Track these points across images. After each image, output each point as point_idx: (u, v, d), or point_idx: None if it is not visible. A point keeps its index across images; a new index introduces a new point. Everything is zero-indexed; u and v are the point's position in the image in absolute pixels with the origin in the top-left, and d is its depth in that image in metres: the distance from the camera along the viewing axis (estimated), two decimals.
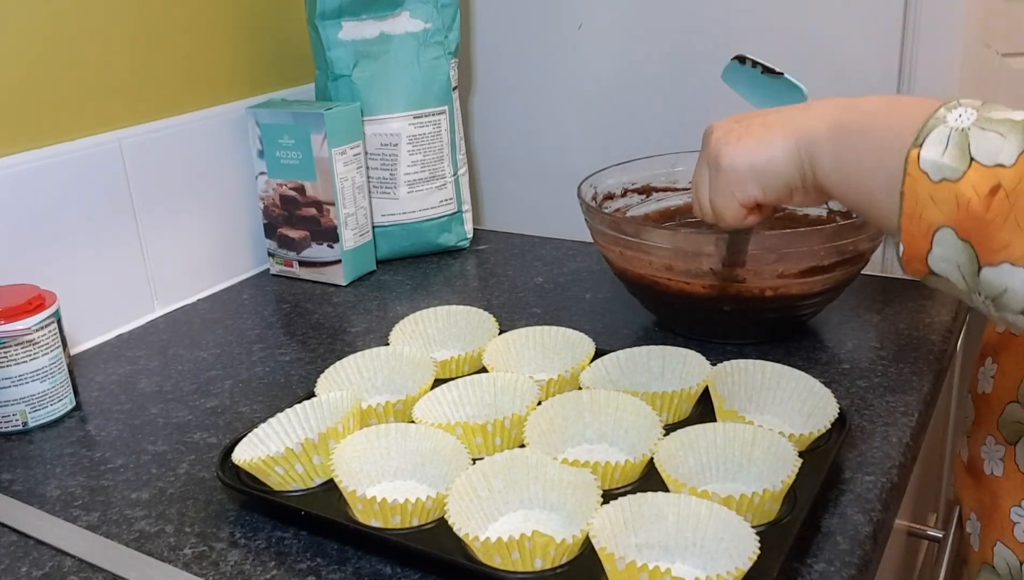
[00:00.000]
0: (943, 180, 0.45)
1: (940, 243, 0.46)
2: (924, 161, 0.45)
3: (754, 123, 0.57)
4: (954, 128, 0.45)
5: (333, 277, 0.96)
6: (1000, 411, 0.69)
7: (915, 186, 0.46)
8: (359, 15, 0.96)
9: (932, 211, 0.46)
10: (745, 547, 0.47)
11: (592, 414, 0.62)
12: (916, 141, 0.46)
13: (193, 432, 0.69)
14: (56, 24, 0.80)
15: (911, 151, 0.46)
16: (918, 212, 0.46)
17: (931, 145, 0.45)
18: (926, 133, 0.46)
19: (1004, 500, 0.69)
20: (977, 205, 0.44)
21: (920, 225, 0.46)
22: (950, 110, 0.46)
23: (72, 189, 0.82)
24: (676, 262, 0.72)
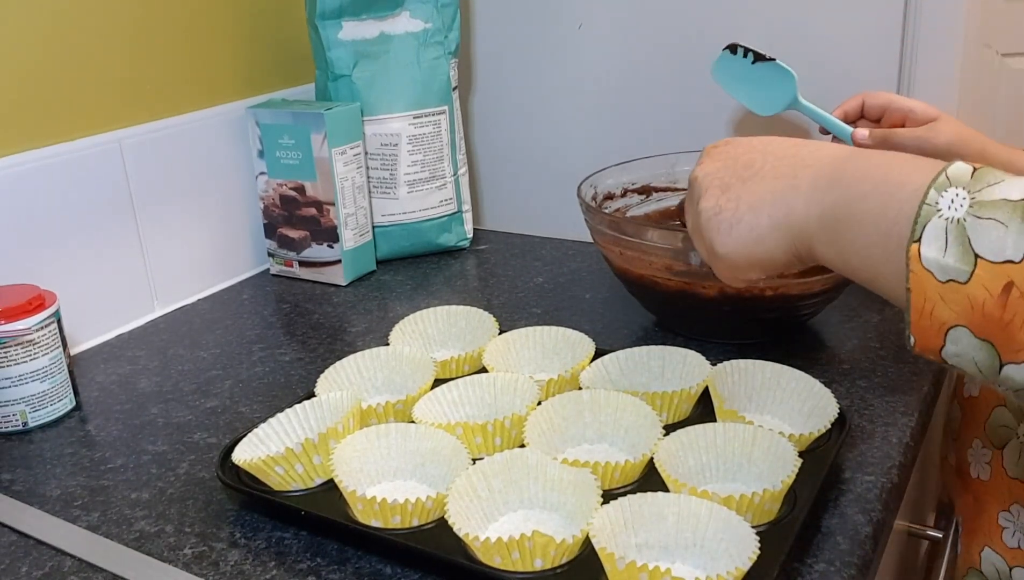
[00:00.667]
0: (951, 281, 0.42)
1: (954, 341, 0.43)
2: (927, 260, 0.43)
3: (742, 203, 0.53)
4: (949, 220, 0.42)
5: (333, 277, 0.96)
6: (987, 415, 0.69)
7: (922, 284, 0.43)
8: (359, 15, 0.96)
9: (943, 310, 0.43)
10: (745, 547, 0.47)
11: (592, 414, 0.62)
12: (913, 236, 0.43)
13: (193, 432, 0.69)
14: (56, 24, 0.80)
15: (911, 246, 0.43)
16: (928, 310, 0.44)
17: (930, 242, 0.43)
18: (922, 226, 0.43)
19: (991, 504, 0.69)
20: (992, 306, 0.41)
21: (932, 322, 0.44)
22: (941, 193, 0.43)
23: (72, 189, 0.82)
24: (676, 262, 0.72)
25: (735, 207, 0.52)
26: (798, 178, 0.51)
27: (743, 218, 0.52)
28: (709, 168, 0.55)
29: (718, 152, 0.56)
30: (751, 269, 0.54)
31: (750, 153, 0.54)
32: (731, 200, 0.53)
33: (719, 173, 0.55)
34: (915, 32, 0.90)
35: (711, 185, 0.54)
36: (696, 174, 0.56)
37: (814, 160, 0.51)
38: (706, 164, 0.56)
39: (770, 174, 0.52)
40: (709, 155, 0.57)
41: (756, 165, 0.53)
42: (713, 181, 0.54)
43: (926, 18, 0.89)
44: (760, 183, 0.52)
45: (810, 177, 0.50)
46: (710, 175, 0.55)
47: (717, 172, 0.55)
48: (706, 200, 0.54)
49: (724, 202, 0.53)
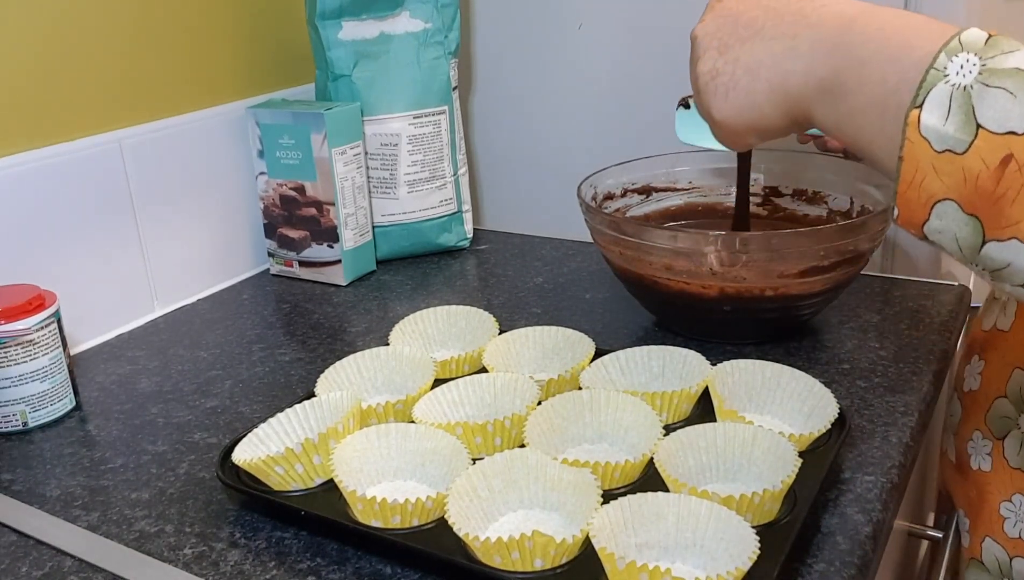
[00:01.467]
0: (947, 151, 0.40)
1: (940, 216, 0.42)
2: (925, 128, 0.41)
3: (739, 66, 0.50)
4: (956, 85, 0.40)
5: (333, 277, 0.96)
6: (987, 407, 0.69)
7: (915, 152, 0.41)
8: (359, 15, 0.96)
9: (934, 182, 0.41)
10: (745, 547, 0.47)
11: (592, 414, 0.62)
12: (915, 101, 0.41)
13: (193, 432, 0.69)
14: (56, 24, 0.80)
15: (910, 112, 0.41)
16: (918, 180, 0.42)
17: (932, 108, 0.41)
18: (926, 90, 0.41)
19: (992, 495, 0.69)
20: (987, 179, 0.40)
21: (920, 194, 0.42)
22: (951, 57, 0.41)
23: (72, 189, 0.82)
24: (676, 262, 0.72)
25: (732, 70, 0.51)
26: (798, 39, 0.48)
27: (739, 82, 0.50)
28: (710, 26, 0.53)
29: (722, 6, 0.53)
30: (749, 134, 0.53)
31: (754, 10, 0.51)
32: (728, 62, 0.51)
33: (719, 32, 0.52)
34: None
35: (709, 45, 0.52)
36: (696, 32, 0.53)
37: (818, 18, 0.48)
38: (707, 21, 0.53)
39: (770, 33, 0.50)
40: (712, 9, 0.54)
41: (757, 23, 0.50)
42: (712, 41, 0.52)
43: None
44: (759, 44, 0.50)
45: (811, 39, 0.48)
46: (710, 34, 0.52)
47: (717, 31, 0.52)
48: (704, 62, 0.52)
49: (721, 64, 0.51)
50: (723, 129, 0.53)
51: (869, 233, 0.71)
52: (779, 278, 0.71)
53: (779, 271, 0.70)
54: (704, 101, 0.53)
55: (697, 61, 0.53)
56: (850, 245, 0.70)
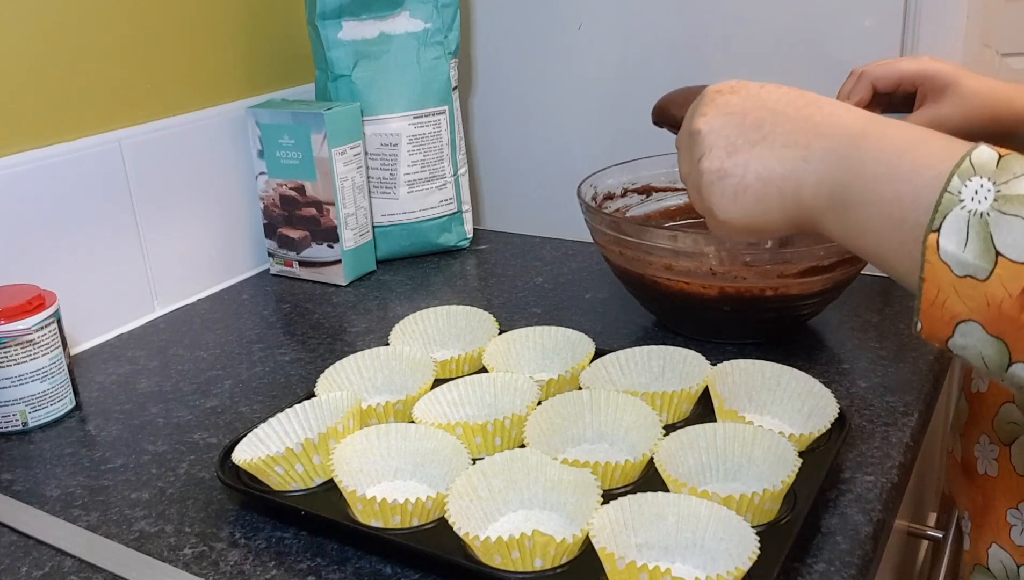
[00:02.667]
0: (968, 277, 0.41)
1: (964, 334, 0.42)
2: (944, 253, 0.41)
3: (749, 171, 0.50)
4: (972, 212, 0.40)
5: (333, 277, 0.96)
6: (995, 411, 0.69)
7: (936, 274, 0.42)
8: (359, 15, 0.96)
9: (957, 304, 0.42)
10: (745, 547, 0.47)
11: (592, 414, 0.62)
12: (932, 225, 0.41)
13: (193, 432, 0.69)
14: (56, 24, 0.80)
15: (928, 236, 0.41)
16: (940, 301, 0.42)
17: (950, 234, 0.41)
18: (942, 216, 0.41)
19: (999, 501, 0.68)
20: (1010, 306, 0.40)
21: (943, 313, 0.42)
22: (964, 182, 0.41)
23: (72, 189, 0.82)
24: (676, 262, 0.72)
25: (742, 173, 0.50)
26: (810, 149, 0.48)
27: (750, 187, 0.50)
28: (715, 122, 0.52)
29: (724, 102, 0.53)
30: (749, 234, 0.53)
31: (759, 110, 0.51)
32: (738, 165, 0.51)
33: (725, 130, 0.52)
34: (915, 32, 0.90)
35: (716, 144, 0.52)
36: (699, 126, 0.53)
37: (828, 128, 0.48)
38: (711, 116, 0.52)
39: (780, 140, 0.50)
40: (714, 103, 0.53)
41: (766, 126, 0.50)
42: (718, 139, 0.52)
43: (926, 18, 0.89)
44: (769, 149, 0.50)
45: (823, 150, 0.48)
46: (715, 132, 0.52)
47: (723, 128, 0.52)
48: (710, 160, 0.52)
49: (730, 166, 0.51)
50: (723, 227, 0.53)
51: None
52: (779, 278, 0.71)
53: (779, 271, 0.70)
54: (707, 198, 0.52)
55: (701, 157, 0.52)
56: None
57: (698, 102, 0.54)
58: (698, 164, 0.52)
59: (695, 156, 0.53)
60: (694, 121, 0.53)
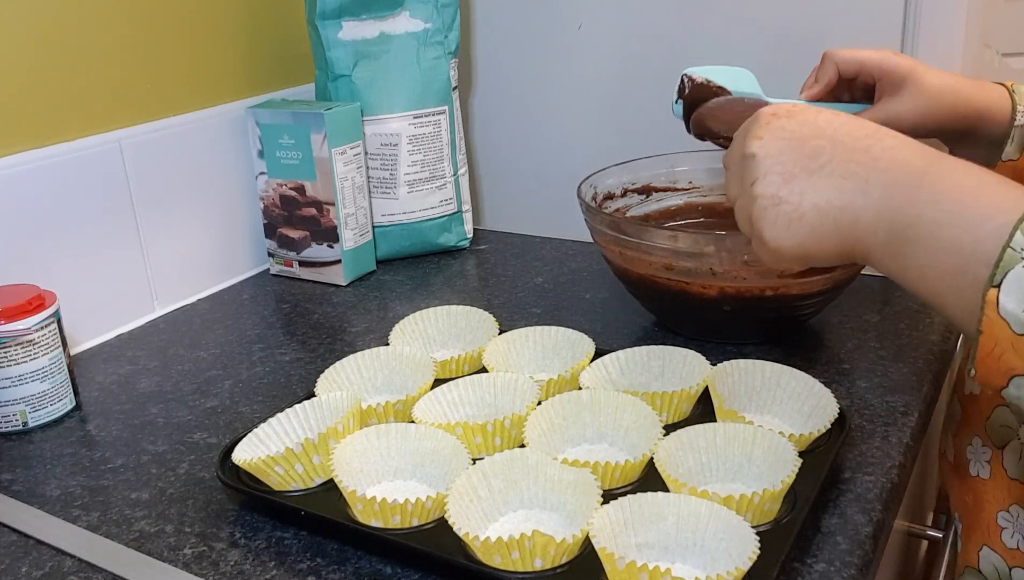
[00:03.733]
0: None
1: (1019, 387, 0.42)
2: (1004, 310, 0.41)
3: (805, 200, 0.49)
4: None
5: (333, 277, 0.96)
6: (988, 414, 0.69)
7: (994, 330, 0.41)
8: (359, 15, 0.96)
9: (1014, 358, 0.41)
10: (745, 547, 0.47)
11: (592, 414, 0.62)
12: (993, 280, 0.41)
13: (193, 432, 0.69)
14: (56, 24, 0.80)
15: (988, 290, 0.41)
16: (997, 354, 0.42)
17: (1011, 292, 0.41)
18: (1003, 272, 0.41)
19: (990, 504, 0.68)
20: None
21: (999, 365, 0.42)
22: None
23: (72, 189, 0.82)
24: (676, 262, 0.72)
25: (798, 202, 0.49)
26: (869, 183, 0.47)
27: (805, 216, 0.49)
28: (771, 147, 0.51)
29: (780, 126, 0.51)
30: (797, 262, 0.52)
31: (817, 138, 0.50)
32: (794, 193, 0.49)
33: (781, 156, 0.50)
34: (915, 32, 0.90)
35: (771, 170, 0.50)
36: (754, 151, 0.51)
37: (888, 162, 0.47)
38: (767, 141, 0.51)
39: (839, 171, 0.49)
40: (770, 127, 0.52)
41: (824, 156, 0.49)
42: (775, 166, 0.50)
43: (926, 18, 0.89)
44: (826, 180, 0.49)
45: (882, 185, 0.47)
46: (772, 157, 0.51)
47: (780, 154, 0.50)
48: (765, 185, 0.50)
49: (786, 193, 0.50)
50: (773, 254, 0.52)
51: None
52: (779, 278, 0.71)
53: (779, 271, 0.70)
54: (758, 224, 0.51)
55: (755, 181, 0.51)
56: None
57: (752, 124, 0.53)
58: (751, 188, 0.51)
59: (748, 180, 0.51)
60: (748, 144, 0.52)
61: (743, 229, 0.53)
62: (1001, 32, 0.97)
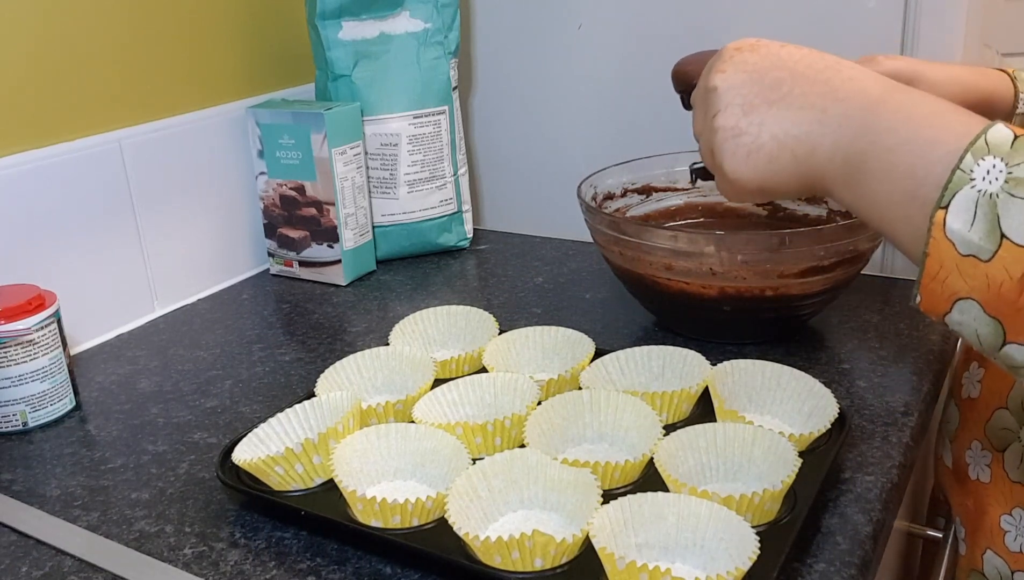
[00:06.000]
0: (971, 256, 0.41)
1: (961, 311, 0.42)
2: (951, 230, 0.41)
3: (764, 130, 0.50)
4: (982, 192, 0.40)
5: (333, 277, 0.96)
6: (988, 417, 0.69)
7: (940, 251, 0.42)
8: (359, 15, 0.96)
9: (958, 281, 0.42)
10: (745, 547, 0.47)
11: (592, 414, 0.62)
12: (941, 201, 0.41)
13: (193, 432, 0.69)
14: (56, 24, 0.80)
15: (936, 212, 0.42)
16: (942, 277, 0.42)
17: (958, 213, 0.41)
18: (952, 192, 0.41)
19: (992, 507, 0.68)
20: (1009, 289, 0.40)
21: (943, 288, 0.43)
22: (977, 160, 0.41)
23: (72, 189, 0.82)
24: (676, 262, 0.72)
25: (757, 132, 0.50)
26: (827, 113, 0.48)
27: (763, 146, 0.50)
28: (732, 79, 0.51)
29: (742, 59, 0.52)
30: (759, 194, 0.52)
31: (779, 69, 0.50)
32: (753, 124, 0.50)
33: (743, 88, 0.51)
34: (915, 32, 0.90)
35: (732, 102, 0.51)
36: (716, 83, 0.52)
37: (846, 92, 0.48)
38: (729, 73, 0.52)
39: (798, 101, 0.49)
40: (732, 60, 0.52)
41: (784, 87, 0.50)
42: (735, 96, 0.51)
43: (926, 18, 0.89)
44: (786, 110, 0.49)
45: (839, 115, 0.47)
46: (733, 89, 0.51)
47: (741, 86, 0.51)
48: (725, 117, 0.51)
49: (745, 124, 0.50)
50: (733, 185, 0.52)
51: (869, 233, 0.71)
52: (779, 278, 0.71)
53: (779, 271, 0.70)
54: (719, 155, 0.52)
55: (717, 114, 0.51)
56: (850, 245, 0.70)
57: (716, 59, 0.53)
58: (713, 120, 0.52)
59: (710, 112, 0.52)
60: (711, 77, 0.52)
61: (706, 163, 0.54)
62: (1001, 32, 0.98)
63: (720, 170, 0.52)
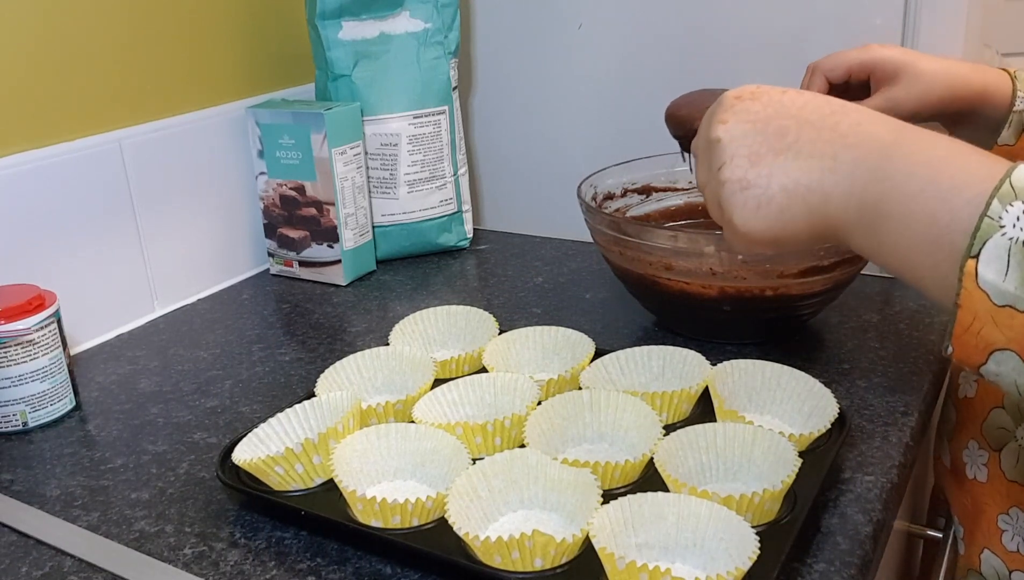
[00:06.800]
0: (1007, 306, 0.39)
1: (998, 362, 0.41)
2: (983, 281, 0.40)
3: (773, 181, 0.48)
4: (1014, 240, 0.38)
5: (333, 277, 0.96)
6: (984, 416, 0.69)
7: (973, 302, 0.40)
8: (359, 15, 0.96)
9: (993, 332, 0.40)
10: (745, 547, 0.47)
11: (592, 414, 0.62)
12: (971, 250, 0.39)
13: (193, 432, 0.69)
14: (56, 24, 0.80)
15: (966, 260, 0.40)
16: (976, 329, 0.41)
17: (989, 262, 0.39)
18: (981, 241, 0.39)
19: (989, 507, 0.68)
20: None
21: (977, 341, 0.41)
22: (1005, 207, 0.39)
23: (72, 189, 0.82)
24: (676, 262, 0.72)
25: (766, 185, 0.48)
26: (838, 160, 0.46)
27: (773, 198, 0.48)
28: (735, 130, 0.50)
29: (744, 108, 0.50)
30: (770, 246, 0.51)
31: (782, 117, 0.49)
32: (761, 176, 0.48)
33: (746, 138, 0.49)
34: (915, 32, 0.90)
35: (737, 153, 0.49)
36: (719, 135, 0.50)
37: (856, 137, 0.46)
38: (731, 124, 0.50)
39: (806, 150, 0.47)
40: (733, 110, 0.51)
41: (790, 135, 0.48)
42: (740, 149, 0.49)
43: (926, 18, 0.89)
44: (794, 160, 0.48)
45: (851, 161, 0.46)
46: (737, 140, 0.50)
47: (744, 137, 0.49)
48: (731, 169, 0.49)
49: (753, 176, 0.48)
50: (743, 238, 0.51)
51: None
52: (779, 278, 0.71)
53: (779, 271, 0.70)
54: (727, 209, 0.50)
55: (722, 166, 0.50)
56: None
57: (716, 108, 0.52)
58: (718, 173, 0.50)
59: (714, 165, 0.51)
60: (712, 129, 0.51)
61: (714, 216, 0.52)
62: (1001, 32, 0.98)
63: (730, 224, 0.50)
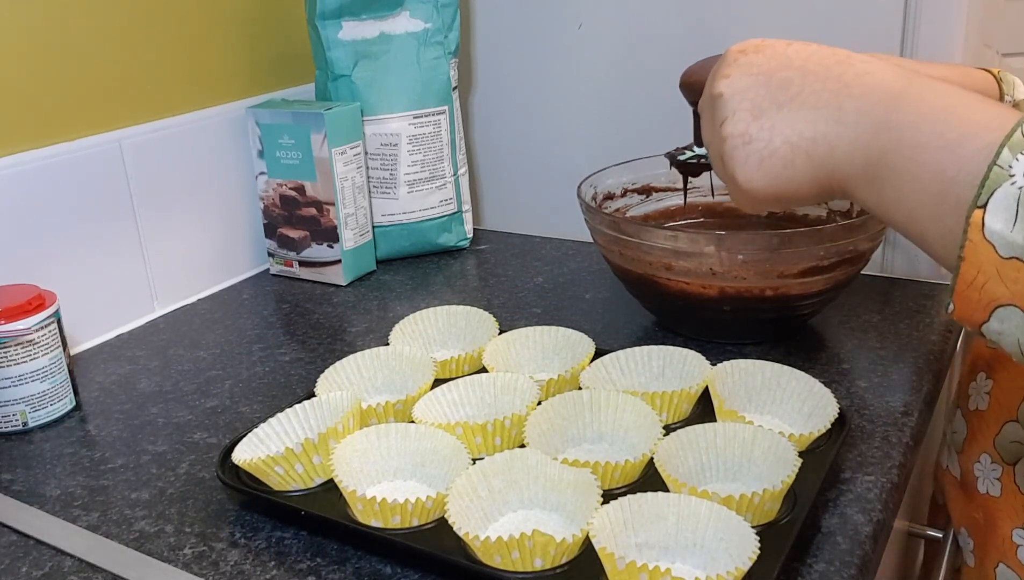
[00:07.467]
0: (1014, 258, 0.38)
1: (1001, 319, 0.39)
2: (990, 232, 0.38)
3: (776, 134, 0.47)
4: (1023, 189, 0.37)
5: (333, 277, 0.96)
6: (997, 430, 0.67)
7: (978, 255, 0.39)
8: (359, 15, 0.96)
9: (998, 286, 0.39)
10: (745, 547, 0.47)
11: (592, 414, 0.62)
12: (978, 200, 0.38)
13: (193, 432, 0.69)
14: (56, 24, 0.80)
15: (973, 211, 0.38)
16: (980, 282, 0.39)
17: (997, 211, 0.38)
18: (989, 190, 0.38)
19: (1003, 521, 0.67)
20: None
21: (981, 295, 0.39)
22: (1016, 155, 0.37)
23: (72, 189, 0.82)
24: (676, 262, 0.72)
25: (768, 138, 0.47)
26: (843, 110, 0.45)
27: (776, 152, 0.47)
28: (738, 84, 0.48)
29: (747, 62, 0.49)
30: (775, 203, 0.50)
31: (785, 69, 0.47)
32: (764, 129, 0.47)
33: (749, 91, 0.48)
34: (915, 32, 0.90)
35: (740, 107, 0.48)
36: (721, 89, 0.49)
37: (861, 88, 0.45)
38: (734, 78, 0.49)
39: (810, 101, 0.46)
40: (737, 64, 0.49)
41: (794, 86, 0.47)
42: (742, 102, 0.48)
43: (926, 18, 0.89)
44: (798, 112, 0.46)
45: (856, 111, 0.44)
46: (739, 94, 0.48)
47: (747, 90, 0.48)
48: (734, 124, 0.48)
49: (755, 130, 0.47)
50: (747, 195, 0.49)
51: (869, 233, 0.71)
52: (779, 278, 0.71)
53: (779, 271, 0.70)
54: (730, 164, 0.49)
55: (724, 121, 0.48)
56: (850, 245, 0.70)
57: (719, 63, 0.51)
58: (720, 128, 0.49)
59: (717, 120, 0.49)
60: (715, 83, 0.50)
61: (717, 173, 0.51)
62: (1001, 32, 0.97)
63: (732, 180, 0.49)
